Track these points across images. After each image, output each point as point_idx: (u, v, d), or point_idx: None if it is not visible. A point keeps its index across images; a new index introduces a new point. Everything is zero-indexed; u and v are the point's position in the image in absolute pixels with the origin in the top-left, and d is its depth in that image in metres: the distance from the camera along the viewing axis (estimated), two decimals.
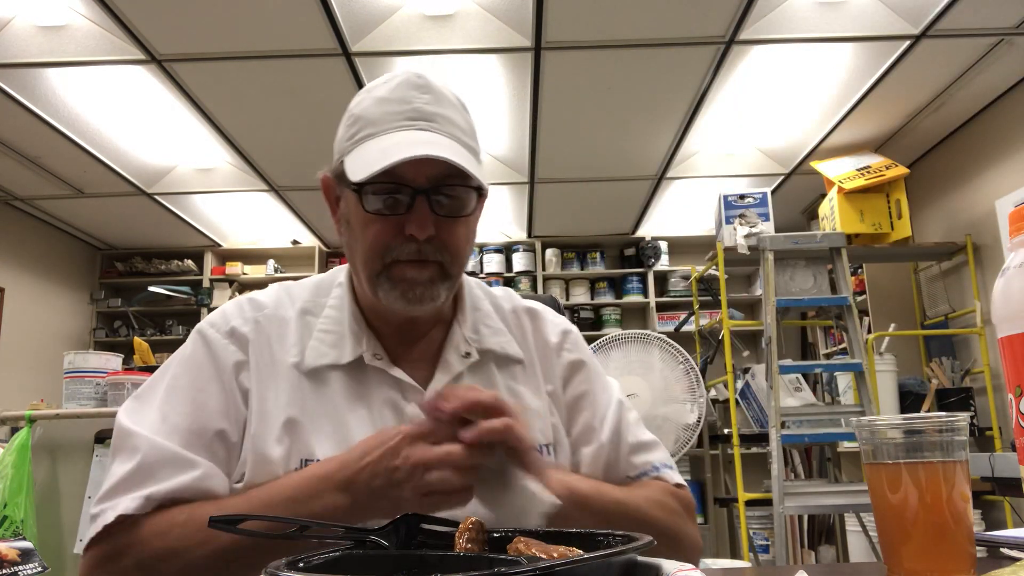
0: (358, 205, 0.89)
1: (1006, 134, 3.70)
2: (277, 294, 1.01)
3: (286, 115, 3.74)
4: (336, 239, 6.01)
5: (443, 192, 0.88)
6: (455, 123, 0.91)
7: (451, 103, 0.93)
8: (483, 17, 3.04)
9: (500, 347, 1.01)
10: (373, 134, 0.89)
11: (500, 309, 1.07)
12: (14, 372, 4.88)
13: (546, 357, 1.05)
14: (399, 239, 0.88)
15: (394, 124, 0.89)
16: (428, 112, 0.90)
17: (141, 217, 5.14)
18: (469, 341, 1.00)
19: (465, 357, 0.98)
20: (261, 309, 0.97)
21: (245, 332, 0.94)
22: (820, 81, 3.54)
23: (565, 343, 1.06)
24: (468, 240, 0.95)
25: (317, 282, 1.04)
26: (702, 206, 5.14)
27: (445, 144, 0.87)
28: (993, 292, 0.69)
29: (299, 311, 0.98)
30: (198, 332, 0.96)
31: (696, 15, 3.00)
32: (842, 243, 3.12)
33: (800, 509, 2.96)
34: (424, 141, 0.87)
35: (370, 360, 0.94)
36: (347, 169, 0.88)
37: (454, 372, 0.97)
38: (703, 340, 4.42)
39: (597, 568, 0.51)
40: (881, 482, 0.64)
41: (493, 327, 1.03)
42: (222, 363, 0.92)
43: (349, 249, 0.95)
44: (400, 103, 0.89)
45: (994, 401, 3.70)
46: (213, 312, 1.00)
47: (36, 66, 3.20)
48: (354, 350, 0.94)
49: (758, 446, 4.15)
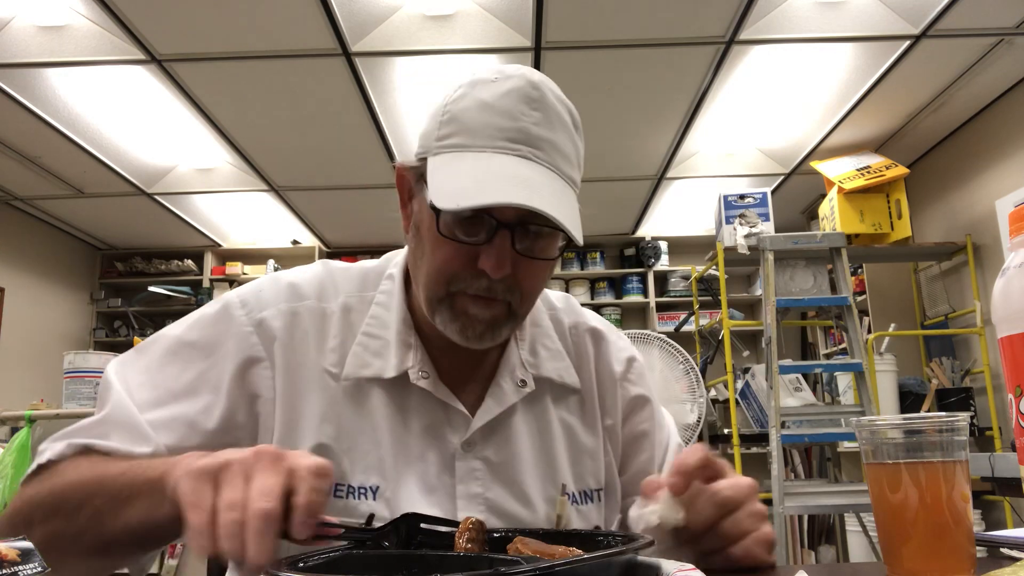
0: (432, 223, 0.78)
1: (1006, 134, 3.70)
2: (321, 280, 0.90)
3: (286, 115, 3.74)
4: (334, 238, 6.00)
5: (530, 230, 0.78)
6: (562, 151, 0.80)
7: (563, 124, 0.81)
8: (483, 17, 3.04)
9: (558, 375, 0.92)
10: (467, 146, 0.78)
11: (559, 324, 0.98)
12: (14, 372, 4.88)
13: (608, 388, 0.96)
14: (469, 270, 0.78)
15: (493, 143, 0.77)
16: (535, 136, 0.78)
17: (141, 217, 5.14)
18: (526, 365, 0.91)
19: (520, 385, 0.89)
20: (301, 299, 0.87)
21: (275, 328, 0.84)
22: (820, 81, 3.54)
23: (629, 373, 0.98)
24: (543, 280, 0.85)
25: (364, 272, 0.93)
26: (702, 206, 5.14)
27: (546, 184, 0.76)
28: (993, 292, 0.69)
29: (342, 306, 0.88)
30: (225, 307, 0.87)
31: (696, 15, 3.00)
32: (842, 243, 3.12)
33: (800, 509, 2.96)
34: (523, 179, 0.75)
35: (416, 379, 0.84)
36: (430, 179, 0.77)
37: (507, 402, 0.88)
38: (703, 340, 4.42)
39: (597, 568, 0.51)
40: (881, 482, 0.64)
41: (552, 349, 0.94)
42: (235, 354, 0.83)
43: (413, 257, 0.85)
44: (506, 117, 0.78)
45: (994, 401, 3.69)
46: (249, 286, 0.90)
47: (36, 66, 3.20)
48: (400, 363, 0.85)
49: (758, 446, 4.15)
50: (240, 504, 0.57)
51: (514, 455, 0.87)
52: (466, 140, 0.78)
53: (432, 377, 0.85)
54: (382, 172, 4.45)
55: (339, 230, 5.66)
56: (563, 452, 0.91)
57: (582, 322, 0.99)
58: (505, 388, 0.88)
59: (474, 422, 0.86)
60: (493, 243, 0.77)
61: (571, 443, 0.92)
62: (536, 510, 0.87)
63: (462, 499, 0.84)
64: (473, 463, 0.85)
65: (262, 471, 0.60)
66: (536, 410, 0.91)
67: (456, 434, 0.85)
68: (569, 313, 1.00)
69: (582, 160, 0.85)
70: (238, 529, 0.57)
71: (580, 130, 0.85)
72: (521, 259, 0.79)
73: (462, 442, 0.85)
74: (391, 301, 0.89)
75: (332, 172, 4.48)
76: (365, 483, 0.82)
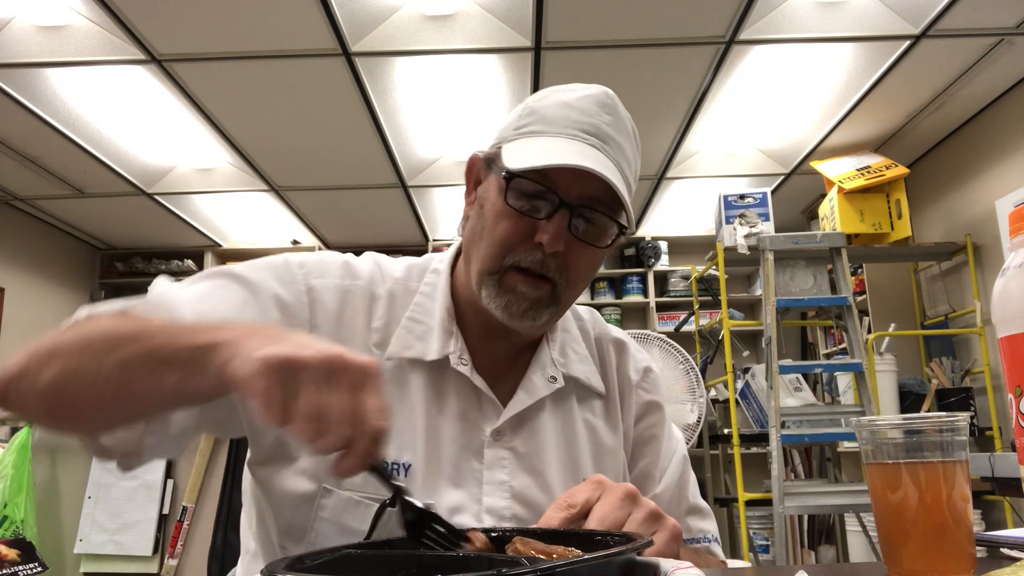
0: (500, 195, 0.85)
1: (1006, 134, 3.70)
2: (371, 266, 0.95)
3: (286, 115, 3.74)
4: (334, 238, 5.98)
5: (586, 215, 0.85)
6: (625, 153, 0.88)
7: (628, 133, 0.90)
8: (483, 17, 3.04)
9: (585, 377, 0.97)
10: (543, 132, 0.86)
11: (586, 334, 1.03)
12: None
13: (625, 393, 1.01)
14: (527, 244, 0.84)
15: (568, 131, 0.85)
16: (605, 132, 0.86)
17: (141, 217, 5.14)
18: (556, 364, 0.95)
19: (551, 381, 0.94)
20: (356, 278, 0.92)
21: (326, 300, 0.88)
22: (820, 81, 3.54)
23: (644, 381, 1.02)
24: (590, 271, 0.90)
25: (409, 264, 0.98)
26: (702, 206, 5.14)
27: (610, 168, 0.83)
28: (993, 292, 0.69)
29: (388, 292, 0.93)
30: (285, 262, 0.91)
31: (696, 15, 2.99)
32: (842, 243, 3.12)
33: (800, 509, 2.96)
34: (591, 156, 0.83)
35: (455, 363, 0.89)
36: (505, 155, 0.84)
37: (538, 395, 0.92)
38: (703, 340, 4.42)
39: (597, 568, 0.51)
40: (881, 482, 0.64)
41: (580, 353, 0.99)
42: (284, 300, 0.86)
43: (471, 235, 0.90)
44: (581, 114, 0.86)
45: (994, 401, 3.69)
46: (310, 253, 0.94)
47: (36, 66, 3.20)
48: (441, 348, 0.89)
49: (758, 446, 4.16)
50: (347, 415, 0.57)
51: (540, 447, 0.91)
52: (542, 127, 0.86)
53: (470, 365, 0.90)
54: (382, 172, 4.45)
55: (339, 230, 5.66)
56: (586, 450, 0.95)
57: (606, 333, 1.04)
58: (536, 382, 0.93)
59: (505, 412, 0.90)
60: (552, 219, 0.83)
61: (594, 442, 0.96)
62: None
63: (488, 485, 0.87)
64: (501, 452, 0.89)
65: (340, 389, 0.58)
66: (563, 407, 0.95)
67: (487, 422, 0.89)
68: (595, 325, 1.05)
69: (638, 173, 0.94)
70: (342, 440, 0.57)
71: (639, 148, 0.93)
72: (574, 242, 0.84)
73: (492, 430, 0.89)
74: (435, 292, 0.93)
75: (332, 172, 4.48)
76: (399, 459, 0.85)
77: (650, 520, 0.70)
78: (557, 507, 0.70)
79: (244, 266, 0.89)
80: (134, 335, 0.68)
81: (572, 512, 0.69)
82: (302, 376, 0.57)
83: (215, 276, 0.88)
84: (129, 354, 0.66)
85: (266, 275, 0.88)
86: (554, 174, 0.82)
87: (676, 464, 0.99)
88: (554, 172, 0.82)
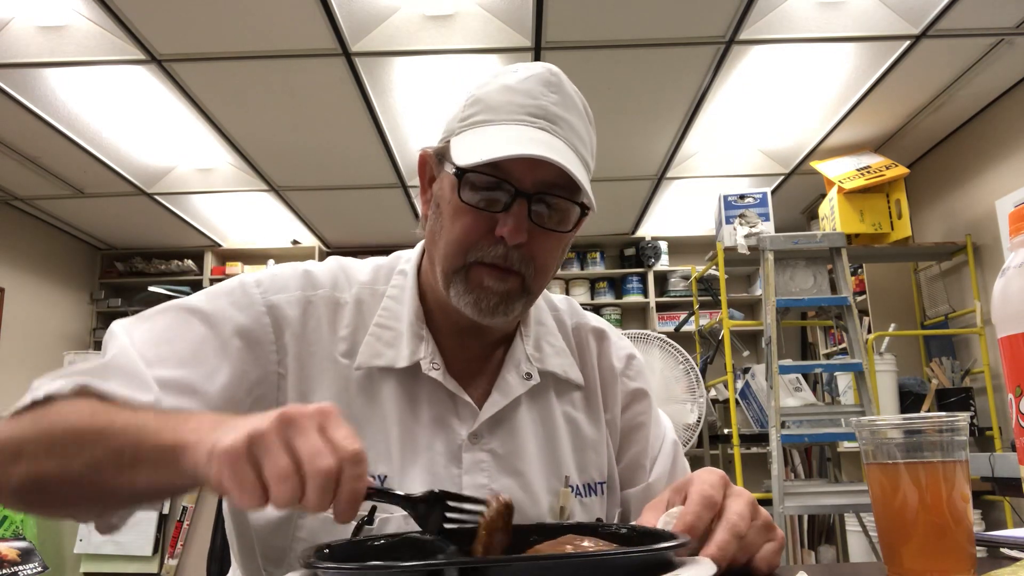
0: (454, 192, 0.82)
1: (1006, 134, 3.70)
2: (334, 272, 0.92)
3: (286, 115, 3.74)
4: (334, 238, 5.99)
5: (546, 200, 0.82)
6: (577, 131, 0.85)
7: (578, 110, 0.86)
8: (483, 17, 3.04)
9: (562, 370, 0.95)
10: (489, 121, 0.82)
11: (563, 325, 1.00)
12: (14, 372, 4.88)
13: (609, 382, 0.99)
14: (488, 239, 0.81)
15: (514, 116, 0.82)
16: (553, 113, 0.83)
17: (141, 217, 5.14)
18: (531, 359, 0.93)
19: (526, 379, 0.91)
20: (316, 287, 0.89)
21: (288, 315, 0.86)
22: (820, 81, 3.54)
23: (629, 369, 1.01)
24: (557, 258, 0.87)
25: (376, 266, 0.95)
26: (702, 206, 5.14)
27: (562, 150, 0.80)
28: (993, 292, 0.69)
29: (355, 297, 0.90)
30: (240, 284, 0.87)
31: (696, 15, 2.99)
32: (842, 243, 3.12)
33: (800, 509, 2.96)
34: (541, 141, 0.80)
35: (427, 368, 0.87)
36: (453, 151, 0.82)
37: (512, 394, 0.90)
38: (703, 340, 4.42)
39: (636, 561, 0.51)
40: (881, 482, 0.64)
41: (556, 346, 0.97)
42: (244, 328, 0.83)
43: (431, 235, 0.88)
44: (526, 96, 0.83)
45: (994, 401, 3.69)
46: (266, 270, 0.92)
47: (36, 66, 3.20)
48: (412, 354, 0.87)
49: (758, 446, 4.15)
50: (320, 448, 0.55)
51: (519, 447, 0.89)
52: (489, 116, 0.82)
53: (442, 369, 0.87)
54: (382, 172, 4.45)
55: (339, 230, 5.66)
56: (567, 445, 0.93)
57: (584, 322, 1.02)
58: (511, 381, 0.90)
59: (481, 414, 0.87)
60: (511, 211, 0.80)
61: (575, 436, 0.94)
62: (540, 502, 0.89)
63: (468, 489, 0.85)
64: (479, 455, 0.87)
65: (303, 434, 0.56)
66: (541, 404, 0.93)
67: (463, 426, 0.87)
68: (572, 315, 1.02)
69: (594, 149, 0.89)
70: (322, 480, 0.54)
71: (592, 123, 0.89)
72: (537, 231, 0.82)
73: (469, 434, 0.87)
74: (403, 295, 0.91)
75: (332, 172, 4.48)
76: (373, 471, 0.82)
77: (765, 529, 0.71)
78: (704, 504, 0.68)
79: (200, 297, 0.86)
80: (99, 433, 0.66)
81: (715, 512, 0.68)
82: (264, 445, 0.56)
83: (173, 311, 0.84)
84: (97, 456, 0.65)
85: (223, 303, 0.85)
86: (507, 164, 0.79)
87: (667, 451, 0.99)
88: (507, 163, 0.78)
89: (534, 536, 0.64)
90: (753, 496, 0.72)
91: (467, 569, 0.47)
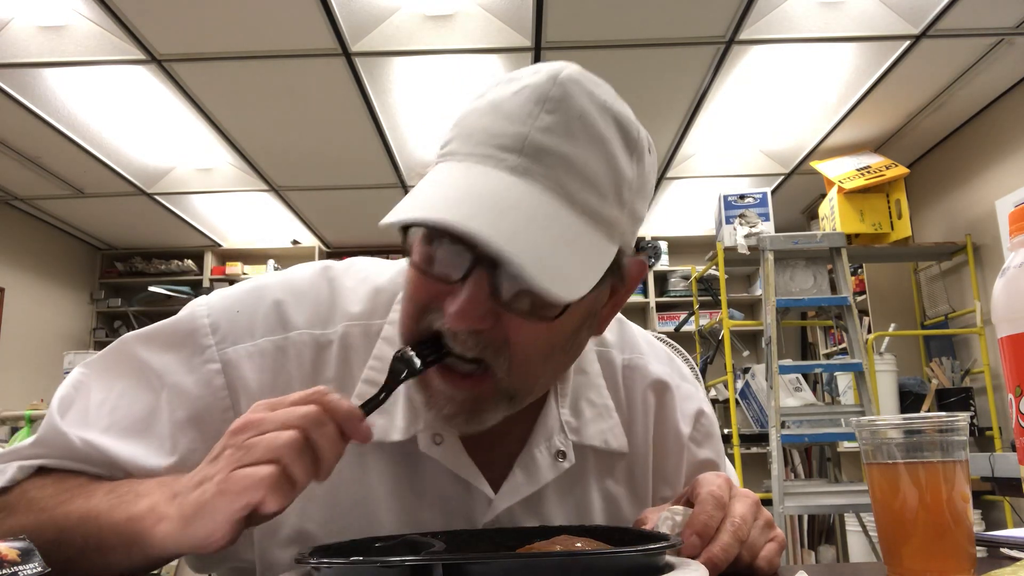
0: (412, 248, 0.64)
1: (1006, 134, 3.70)
2: (318, 298, 0.73)
3: (286, 115, 3.74)
4: (334, 238, 5.99)
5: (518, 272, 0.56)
6: (578, 168, 0.60)
7: (591, 135, 0.61)
8: (483, 17, 3.04)
9: (603, 441, 0.76)
10: (455, 154, 0.62)
11: (610, 366, 0.80)
12: (14, 372, 4.88)
13: (672, 451, 0.81)
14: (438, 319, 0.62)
15: (481, 150, 0.60)
16: (535, 145, 0.59)
17: (141, 217, 5.14)
18: (566, 429, 0.74)
19: (558, 459, 0.72)
20: (290, 328, 0.71)
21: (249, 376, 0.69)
22: (820, 81, 3.54)
23: (697, 432, 0.83)
24: (547, 351, 0.64)
25: (375, 289, 0.74)
26: (702, 206, 5.14)
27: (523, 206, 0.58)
28: (993, 292, 0.69)
29: (341, 337, 0.71)
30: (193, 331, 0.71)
31: (696, 15, 2.99)
32: (842, 243, 3.12)
33: (800, 509, 2.96)
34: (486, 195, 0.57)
35: (426, 446, 0.69)
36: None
37: (541, 480, 0.72)
38: (703, 340, 4.42)
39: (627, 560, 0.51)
40: (881, 482, 0.64)
41: (598, 405, 0.77)
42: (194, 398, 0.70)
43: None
44: (508, 120, 0.60)
45: (994, 401, 3.69)
46: (225, 301, 0.73)
47: (36, 66, 3.20)
48: (408, 426, 0.68)
49: (758, 446, 4.15)
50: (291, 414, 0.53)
51: None
52: (457, 147, 0.63)
53: (448, 441, 0.69)
54: (382, 172, 4.45)
55: (339, 230, 5.66)
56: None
57: (640, 365, 0.81)
58: (539, 461, 0.72)
59: (497, 501, 0.70)
60: (466, 282, 0.59)
61: (613, 521, 0.78)
62: None
63: None
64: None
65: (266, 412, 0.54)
66: (574, 482, 0.76)
67: (479, 512, 0.71)
68: (624, 348, 0.82)
69: (630, 189, 0.64)
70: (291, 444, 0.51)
71: (637, 150, 0.65)
72: (506, 315, 0.60)
73: (484, 524, 0.71)
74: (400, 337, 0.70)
75: (332, 172, 4.48)
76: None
77: (767, 527, 0.69)
78: (715, 505, 0.65)
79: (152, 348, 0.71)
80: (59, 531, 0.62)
81: (724, 513, 0.66)
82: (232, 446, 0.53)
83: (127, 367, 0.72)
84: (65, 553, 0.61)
85: (170, 361, 0.70)
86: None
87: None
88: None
89: (536, 539, 0.64)
90: (757, 496, 0.71)
91: (453, 565, 0.47)
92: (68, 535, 0.61)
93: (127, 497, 0.60)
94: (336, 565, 0.51)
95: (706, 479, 0.70)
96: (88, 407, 0.71)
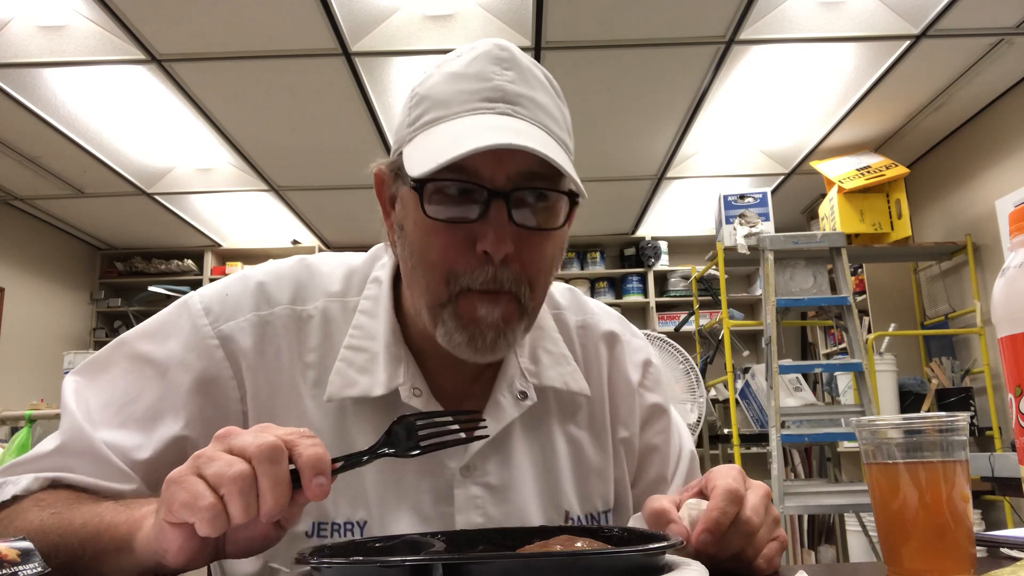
0: (418, 208, 0.70)
1: (1006, 134, 3.70)
2: (297, 279, 0.80)
3: (286, 115, 3.74)
4: (334, 238, 5.98)
5: (526, 197, 0.70)
6: (544, 108, 0.72)
7: (541, 83, 0.74)
8: (483, 17, 3.04)
9: (563, 383, 0.83)
10: (441, 118, 0.70)
11: (564, 325, 0.88)
12: (14, 372, 4.88)
13: (624, 396, 0.88)
14: (470, 260, 0.69)
15: (468, 106, 0.70)
16: (512, 92, 0.70)
17: (141, 217, 5.14)
18: (526, 374, 0.81)
19: (520, 399, 0.80)
20: (273, 304, 0.78)
21: (244, 345, 0.75)
22: (820, 81, 3.54)
23: (646, 379, 0.90)
24: (553, 263, 0.75)
25: (349, 271, 0.83)
26: (702, 206, 5.14)
27: (531, 133, 0.69)
28: (993, 292, 0.69)
29: (322, 312, 0.79)
30: (188, 315, 0.77)
31: (696, 15, 2.99)
32: (842, 243, 3.12)
33: (800, 509, 2.95)
34: (504, 127, 0.68)
35: (407, 397, 0.75)
36: (406, 162, 0.70)
37: (505, 419, 0.78)
38: (703, 340, 4.42)
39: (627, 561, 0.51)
40: (881, 482, 0.64)
41: (555, 353, 0.84)
42: (197, 371, 0.75)
43: (404, 264, 0.76)
44: (477, 80, 0.70)
45: (994, 401, 3.69)
46: (215, 287, 0.80)
47: (36, 66, 3.20)
48: (389, 380, 0.75)
49: (758, 446, 4.15)
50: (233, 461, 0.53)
51: (515, 477, 0.80)
52: (438, 112, 0.70)
53: (425, 394, 0.77)
54: None
55: (339, 230, 5.66)
56: (568, 472, 0.83)
57: (592, 323, 0.90)
58: (503, 403, 0.79)
59: (472, 444, 0.76)
60: (488, 217, 0.68)
61: (577, 462, 0.84)
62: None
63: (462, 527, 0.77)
64: (473, 489, 0.77)
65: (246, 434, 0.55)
66: (538, 425, 0.82)
67: (453, 458, 0.77)
68: (576, 311, 0.90)
69: (569, 126, 0.76)
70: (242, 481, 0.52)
71: (561, 96, 0.76)
72: (523, 235, 0.70)
73: (460, 467, 0.77)
74: (377, 308, 0.79)
75: (332, 172, 4.48)
76: (351, 518, 0.74)
77: (773, 525, 0.69)
78: (729, 500, 0.65)
79: (150, 340, 0.77)
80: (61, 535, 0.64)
81: (739, 507, 0.66)
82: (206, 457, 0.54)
83: (126, 362, 0.77)
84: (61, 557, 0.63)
85: (173, 346, 0.76)
86: (472, 162, 0.67)
87: (683, 469, 0.92)
88: (471, 160, 0.66)
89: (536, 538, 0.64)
90: (768, 488, 0.71)
91: (453, 565, 0.47)
92: (68, 539, 0.63)
93: (132, 504, 0.63)
94: (336, 565, 0.51)
95: (720, 472, 0.70)
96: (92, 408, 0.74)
